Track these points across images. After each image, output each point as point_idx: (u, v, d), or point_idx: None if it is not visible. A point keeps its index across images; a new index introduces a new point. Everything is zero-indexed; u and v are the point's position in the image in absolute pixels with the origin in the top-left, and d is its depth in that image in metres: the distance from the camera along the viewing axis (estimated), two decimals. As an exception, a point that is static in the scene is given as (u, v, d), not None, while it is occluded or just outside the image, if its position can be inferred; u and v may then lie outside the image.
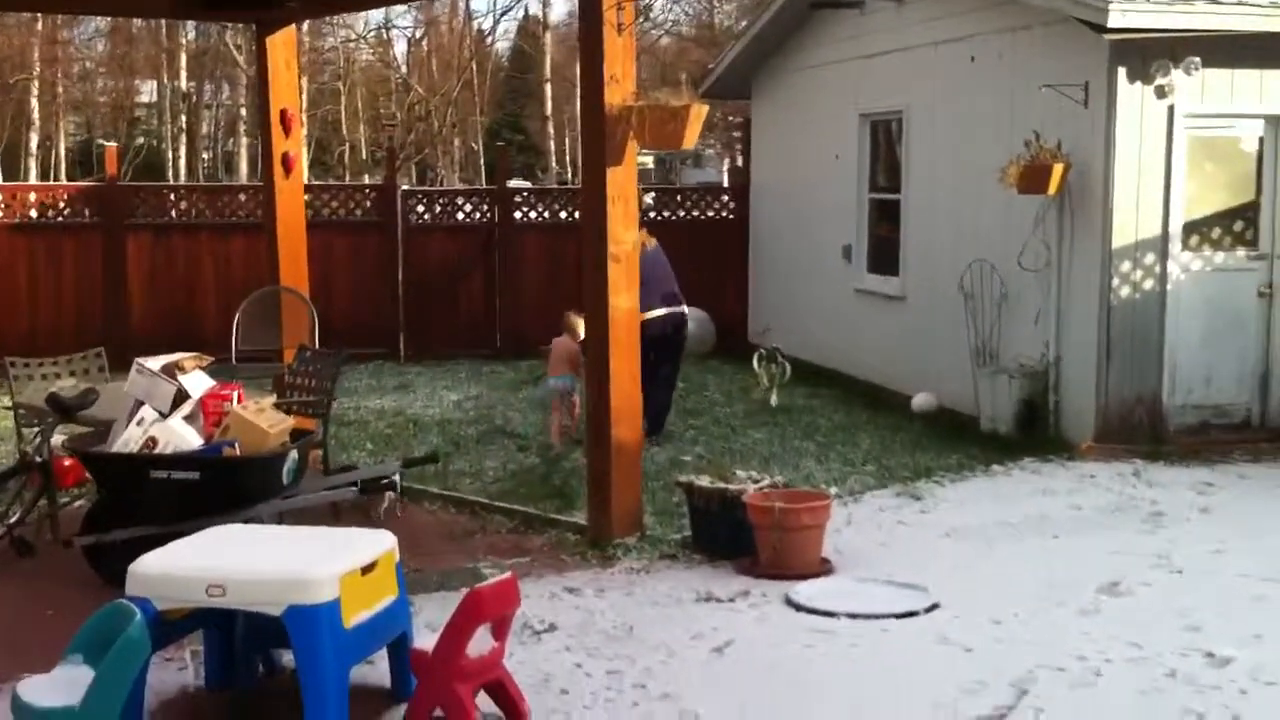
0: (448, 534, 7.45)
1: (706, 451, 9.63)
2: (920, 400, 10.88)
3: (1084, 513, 7.69)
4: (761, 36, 14.32)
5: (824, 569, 6.48)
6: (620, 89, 6.94)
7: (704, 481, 6.95)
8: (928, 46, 11.41)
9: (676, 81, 7.40)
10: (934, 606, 5.91)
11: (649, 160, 43.01)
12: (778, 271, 14.67)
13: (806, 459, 9.26)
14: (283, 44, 9.09)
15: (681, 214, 15.69)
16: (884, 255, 12.38)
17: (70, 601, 6.17)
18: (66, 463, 7.06)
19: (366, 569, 4.63)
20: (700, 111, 6.89)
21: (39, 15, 24.94)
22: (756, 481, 6.92)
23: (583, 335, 9.42)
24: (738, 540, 6.64)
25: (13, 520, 7.05)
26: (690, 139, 6.92)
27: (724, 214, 15.77)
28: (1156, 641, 5.48)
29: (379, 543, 4.80)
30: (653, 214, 15.30)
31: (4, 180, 25.71)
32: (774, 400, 11.15)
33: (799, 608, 5.92)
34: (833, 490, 8.03)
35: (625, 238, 7.05)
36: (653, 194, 15.84)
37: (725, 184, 23.36)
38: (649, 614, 5.94)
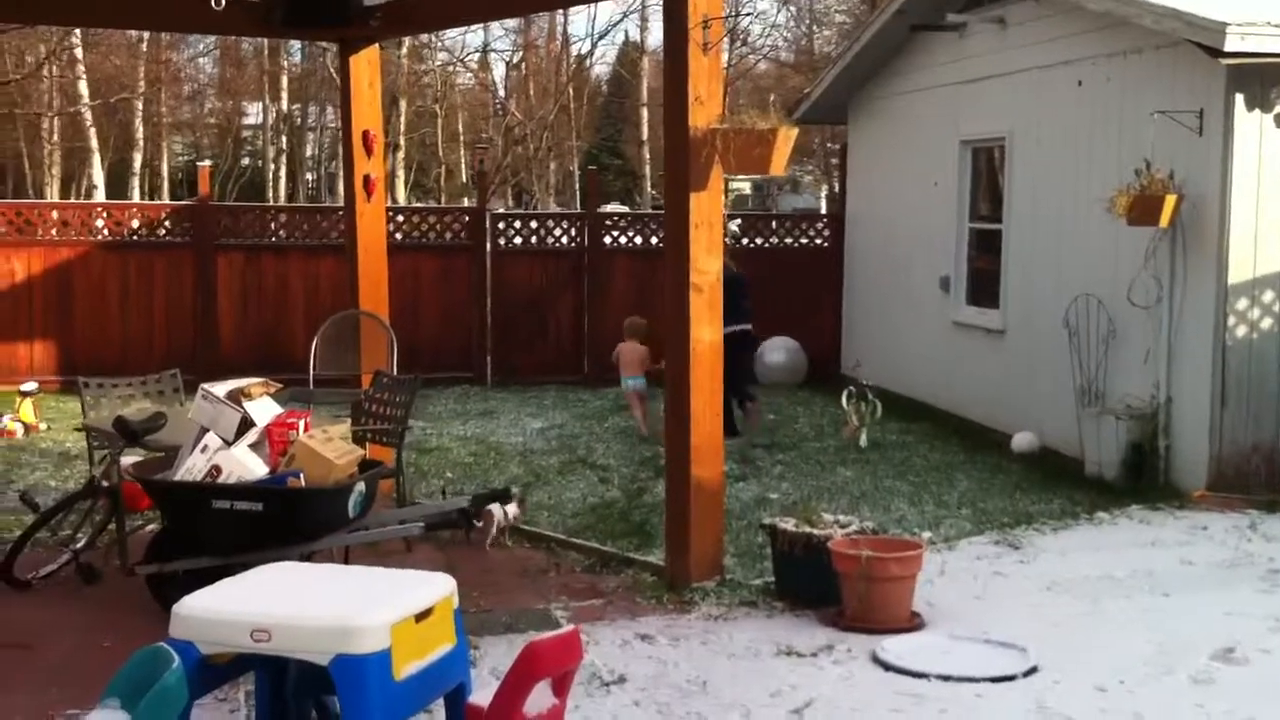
0: (521, 570, 7.18)
1: (794, 489, 9.28)
2: (1020, 440, 10.41)
3: (1196, 568, 7.19)
4: (858, 61, 13.97)
5: (914, 623, 6.09)
6: (705, 110, 6.65)
7: (788, 524, 6.60)
8: (1032, 71, 10.98)
9: (765, 104, 7.09)
10: (1032, 670, 5.49)
11: (745, 185, 42.72)
12: (872, 301, 14.27)
13: (899, 500, 8.86)
14: (366, 63, 8.94)
15: (775, 241, 15.35)
16: (983, 287, 11.93)
17: (131, 631, 6.00)
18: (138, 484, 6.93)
19: (421, 616, 4.35)
20: (790, 135, 6.57)
21: (144, 36, 25.33)
22: (844, 525, 6.56)
23: (642, 332, 11.59)
24: (823, 588, 6.27)
25: (80, 545, 6.93)
26: (779, 164, 6.60)
27: (818, 241, 15.40)
28: (1275, 718, 5.02)
29: (437, 587, 4.52)
30: (743, 240, 14.99)
31: (108, 199, 26.12)
32: (863, 441, 10.69)
33: (886, 666, 5.54)
34: (926, 535, 7.65)
35: (709, 266, 6.75)
36: (738, 220, 15.52)
37: (823, 210, 23.03)
38: (725, 667, 5.60)
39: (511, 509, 6.52)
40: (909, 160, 13.34)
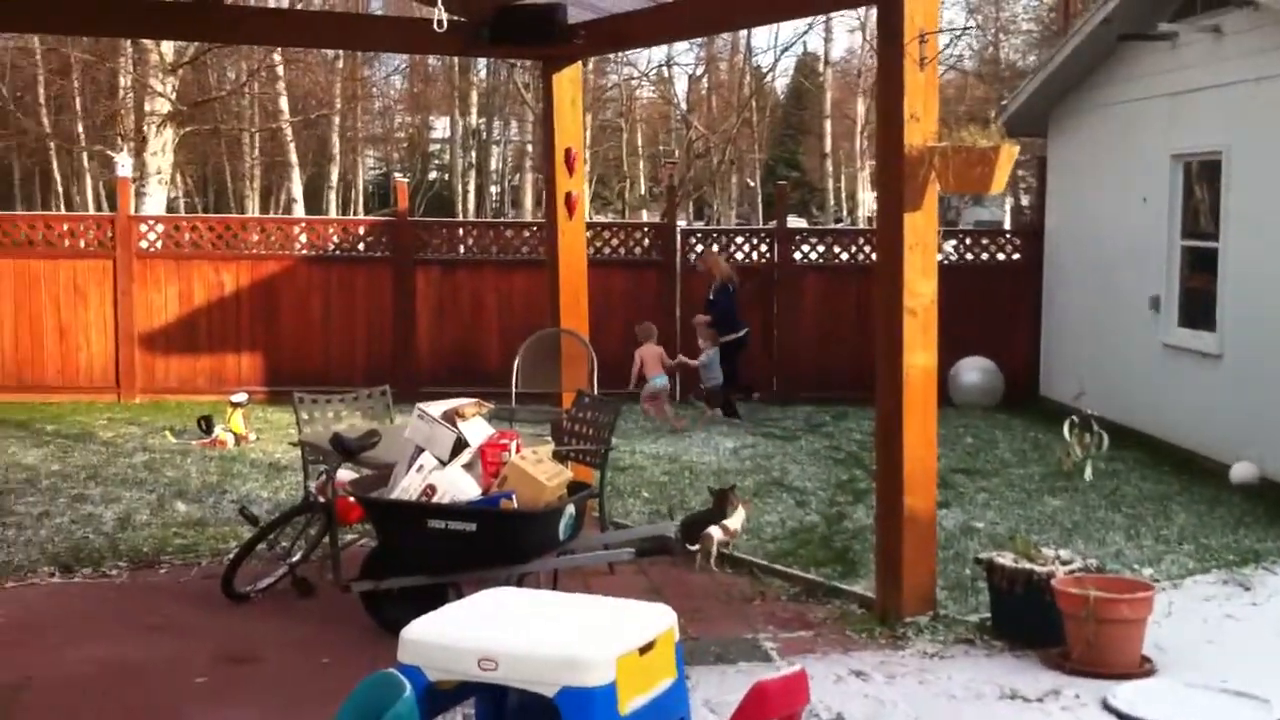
0: (725, 597, 7.07)
1: (999, 518, 8.97)
2: (1240, 470, 9.89)
3: None
4: (1060, 72, 13.52)
5: (1145, 669, 5.78)
6: (921, 129, 6.46)
7: (1006, 559, 6.35)
8: (1251, 82, 10.44)
9: (983, 119, 6.85)
10: (1279, 724, 5.16)
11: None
12: (1074, 321, 13.78)
13: (1113, 533, 8.48)
14: (569, 81, 8.97)
15: (970, 257, 14.96)
16: (1198, 308, 11.39)
17: (347, 648, 6.12)
18: (350, 500, 7.05)
19: (645, 649, 4.29)
20: (1011, 153, 6.34)
21: (340, 54, 26.10)
22: (1065, 562, 6.28)
23: (655, 336, 12.98)
24: (1045, 628, 6.01)
25: (295, 559, 7.08)
26: (1000, 182, 6.37)
27: (1010, 256, 14.95)
28: None
29: (659, 619, 4.45)
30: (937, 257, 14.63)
31: (306, 213, 26.97)
32: (1088, 475, 10.16)
33: (1119, 715, 5.27)
34: (1148, 572, 7.30)
35: (923, 289, 6.55)
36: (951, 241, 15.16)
37: (1008, 225, 22.39)
38: (945, 709, 5.40)
39: (735, 521, 6.41)
40: (1115, 174, 12.84)
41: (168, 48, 18.22)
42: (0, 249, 13.94)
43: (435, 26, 5.74)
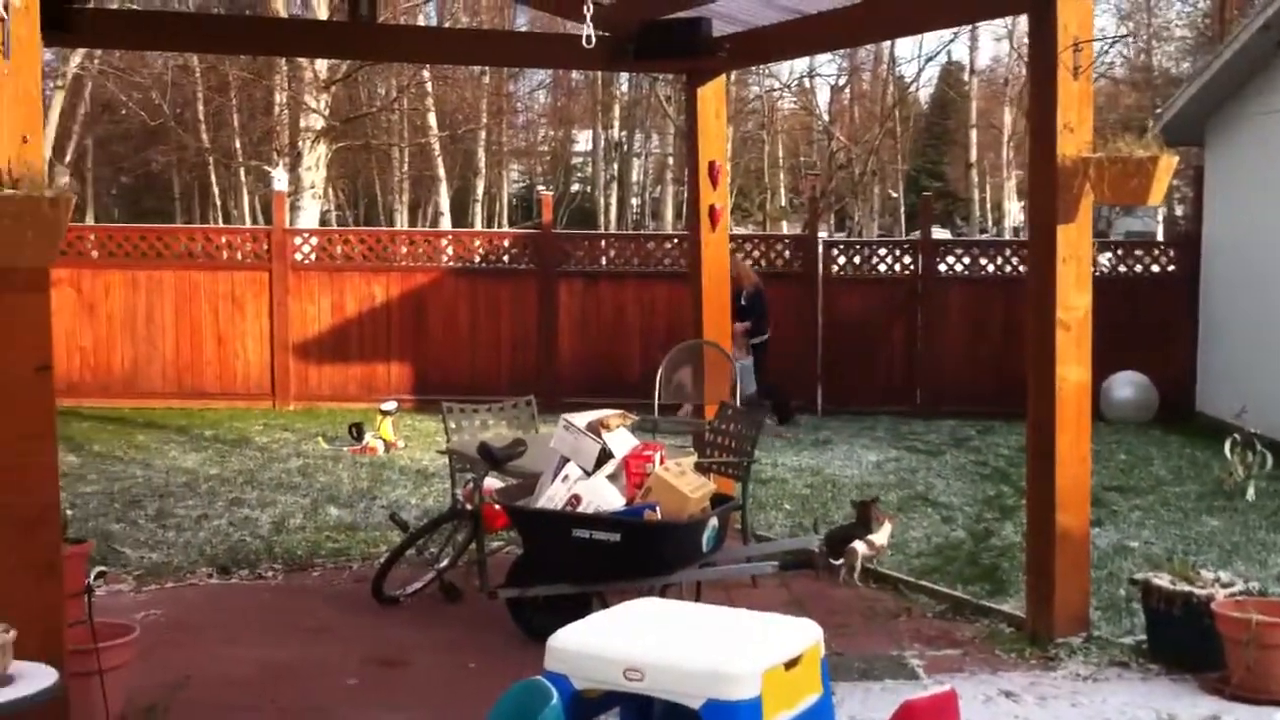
0: (869, 612, 6.99)
1: (1155, 538, 8.71)
2: None
3: None
4: (1217, 79, 13.11)
5: (1311, 697, 5.56)
6: (1075, 139, 6.32)
7: (1163, 580, 6.16)
8: None
9: (1140, 127, 6.69)
10: None
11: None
12: (1233, 334, 13.32)
13: (1276, 555, 8.17)
14: (713, 95, 8.99)
15: (1123, 269, 14.58)
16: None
17: (494, 654, 6.20)
18: (496, 508, 7.15)
19: (791, 664, 4.26)
20: (1170, 164, 6.15)
21: (487, 70, 26.56)
22: (1226, 585, 6.07)
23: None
24: (1203, 652, 5.81)
25: (443, 565, 7.20)
26: (1158, 194, 6.19)
27: (1164, 268, 14.52)
28: None
29: (806, 634, 4.42)
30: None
31: (452, 225, 27.47)
32: (1250, 494, 9.81)
33: (1283, 744, 5.08)
34: (1313, 597, 7.00)
35: (1077, 303, 6.40)
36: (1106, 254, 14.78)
37: (1160, 235, 21.79)
38: (1099, 733, 5.26)
39: (881, 536, 6.34)
40: None
41: (321, 66, 18.75)
42: (162, 261, 14.47)
43: (584, 43, 5.80)
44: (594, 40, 5.85)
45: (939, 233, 26.74)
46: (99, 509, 9.26)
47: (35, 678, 3.99)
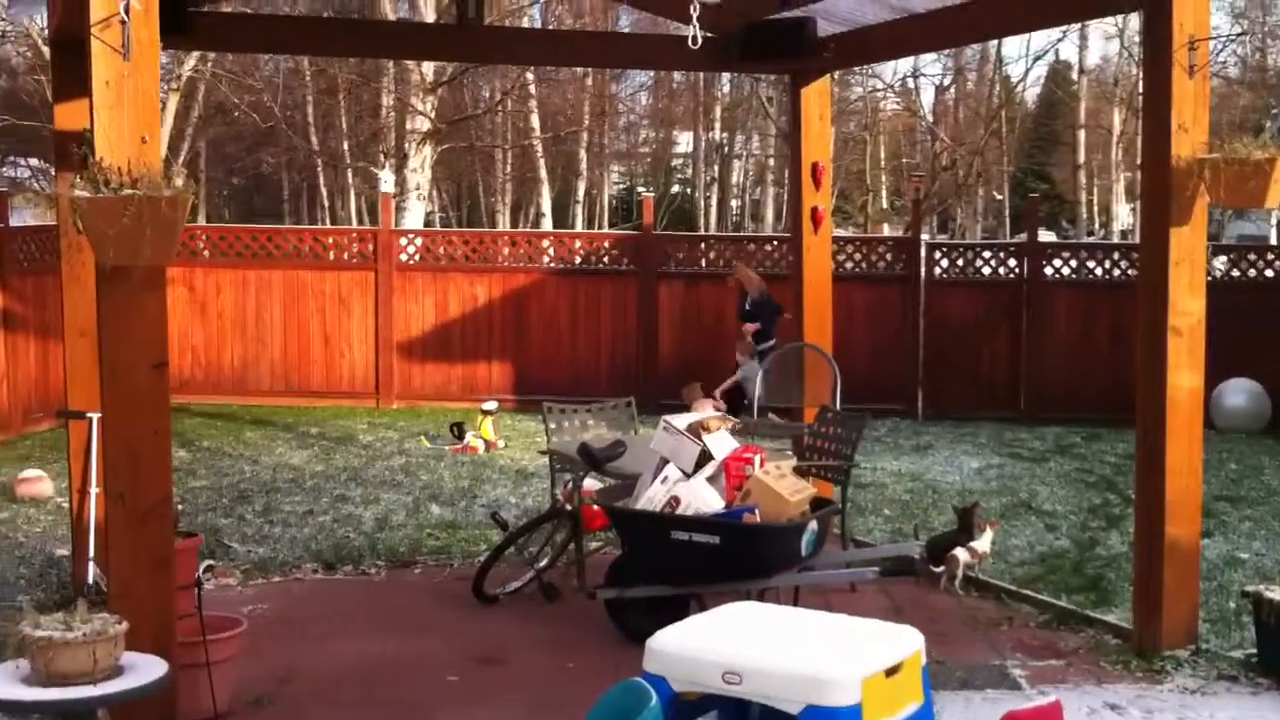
0: (970, 621, 6.90)
1: (1266, 549, 8.49)
2: None
3: None
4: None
5: None
6: (1190, 139, 6.17)
7: (1275, 594, 6.00)
8: None
9: (1256, 128, 6.52)
10: None
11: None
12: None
13: (1396, 569, 7.92)
14: (817, 96, 8.93)
15: (1236, 273, 14.21)
16: None
17: (591, 654, 6.24)
18: (595, 508, 7.18)
19: (892, 671, 4.23)
20: (1289, 166, 5.99)
21: (590, 72, 26.69)
22: (1343, 599, 5.89)
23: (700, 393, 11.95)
24: (1318, 668, 5.66)
25: (542, 564, 7.26)
26: (1276, 197, 6.02)
27: (1278, 273, 14.11)
28: None
29: (907, 642, 4.38)
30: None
31: (554, 226, 27.64)
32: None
33: (1403, 766, 4.91)
34: None
35: (1190, 308, 6.25)
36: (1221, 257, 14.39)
37: (1274, 239, 21.22)
38: (1209, 748, 5.14)
39: (984, 544, 6.26)
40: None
41: (428, 69, 18.97)
42: (271, 260, 14.76)
43: (690, 44, 5.79)
44: (700, 41, 5.83)
45: (1045, 236, 26.29)
46: (208, 504, 9.48)
47: (146, 669, 4.09)
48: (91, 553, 6.34)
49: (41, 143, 22.27)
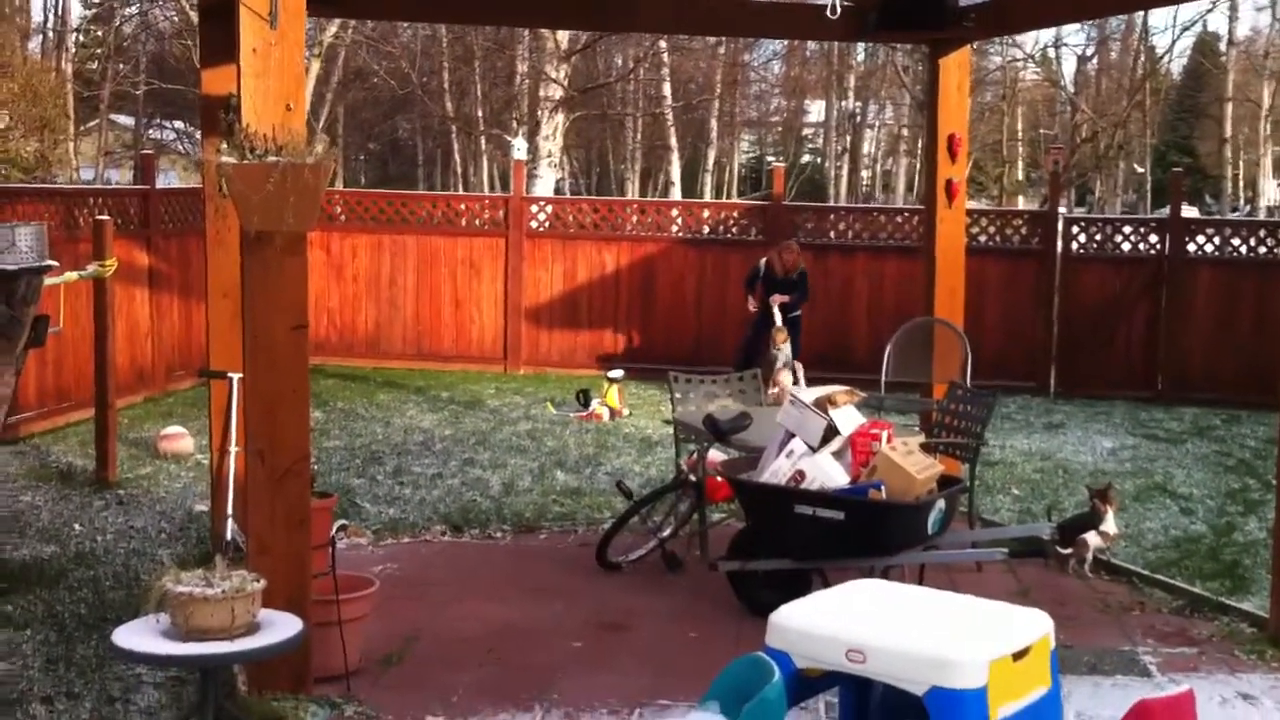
0: (1101, 605, 6.76)
1: None
2: None
3: None
4: None
5: None
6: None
7: None
8: None
9: None
10: None
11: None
12: None
13: None
14: (956, 66, 8.75)
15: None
16: None
17: (713, 625, 6.26)
18: (719, 480, 7.19)
19: (1019, 655, 4.16)
20: None
21: (722, 40, 26.54)
22: None
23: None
24: None
25: (666, 534, 7.29)
26: None
27: None
28: None
29: (1036, 625, 4.31)
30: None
31: (682, 195, 27.62)
32: None
33: None
34: None
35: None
36: None
37: None
38: (1348, 745, 4.98)
39: (1112, 526, 6.13)
40: None
41: (563, 36, 19.06)
42: (405, 225, 15.00)
43: (829, 13, 5.73)
44: (839, 10, 5.77)
45: (1188, 211, 25.49)
46: (341, 464, 9.70)
47: (282, 626, 4.21)
48: (230, 510, 6.53)
49: (187, 106, 22.91)
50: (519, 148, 19.30)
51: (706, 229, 14.95)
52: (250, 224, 4.39)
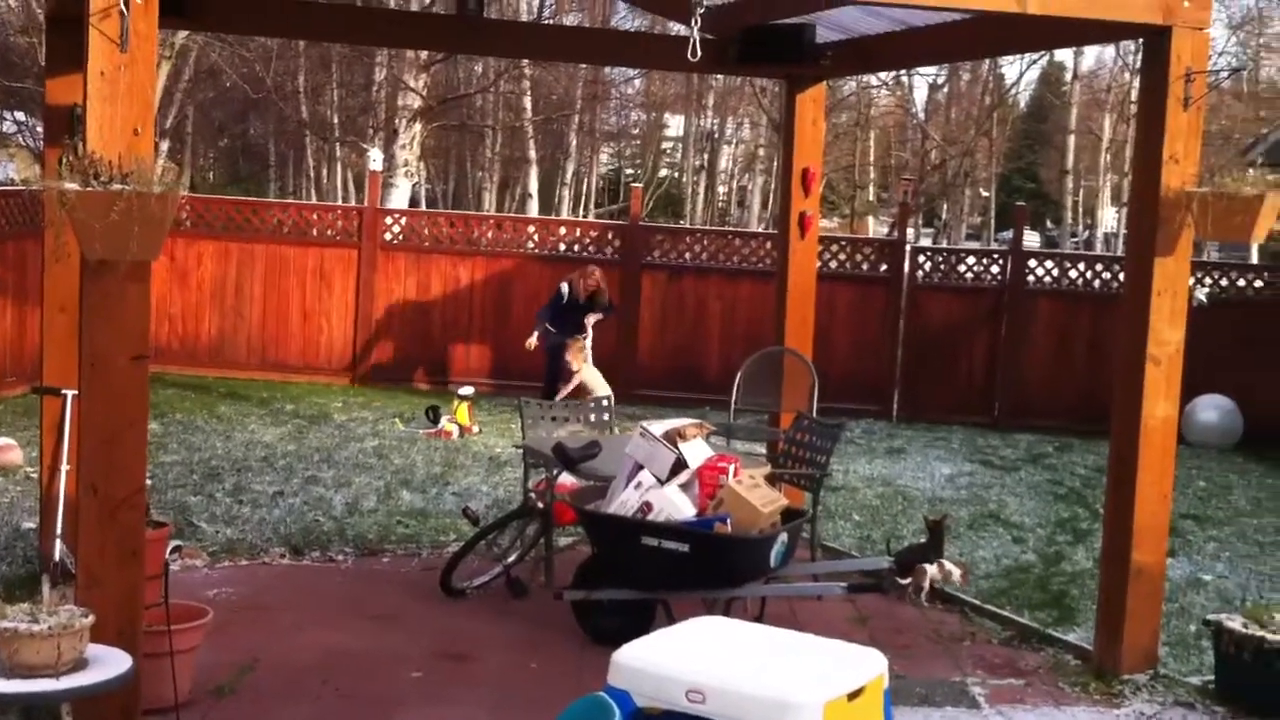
0: (933, 634, 6.96)
1: (1229, 571, 8.58)
2: None
3: None
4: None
5: (1385, 757, 5.45)
6: (1180, 171, 6.21)
7: (1235, 624, 6.07)
8: None
9: (1241, 149, 6.55)
10: None
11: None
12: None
13: (1360, 599, 8.00)
14: (811, 101, 8.92)
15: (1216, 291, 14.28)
16: None
17: (556, 654, 6.27)
18: (567, 503, 7.19)
19: (854, 695, 4.25)
20: (1276, 203, 6.02)
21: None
22: (1303, 633, 5.95)
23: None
24: (1272, 697, 5.74)
25: (511, 560, 7.27)
26: (1262, 232, 6.07)
27: (1257, 291, 14.21)
28: None
29: (870, 665, 4.40)
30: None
31: (540, 206, 27.55)
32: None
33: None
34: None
35: (1169, 338, 6.29)
36: (1206, 289, 14.24)
37: (1253, 257, 21.36)
38: (1162, 778, 5.20)
39: (954, 570, 6.30)
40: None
41: (422, 47, 18.86)
42: (256, 234, 14.69)
43: (690, 56, 5.78)
44: (699, 53, 5.83)
45: (1029, 236, 26.32)
46: (177, 480, 9.45)
47: (111, 662, 4.10)
48: (60, 530, 6.30)
49: (30, 98, 22.11)
50: (375, 158, 19.05)
51: (563, 246, 14.95)
52: (93, 252, 4.26)
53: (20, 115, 26.94)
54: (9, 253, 12.44)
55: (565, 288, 12.78)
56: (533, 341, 12.60)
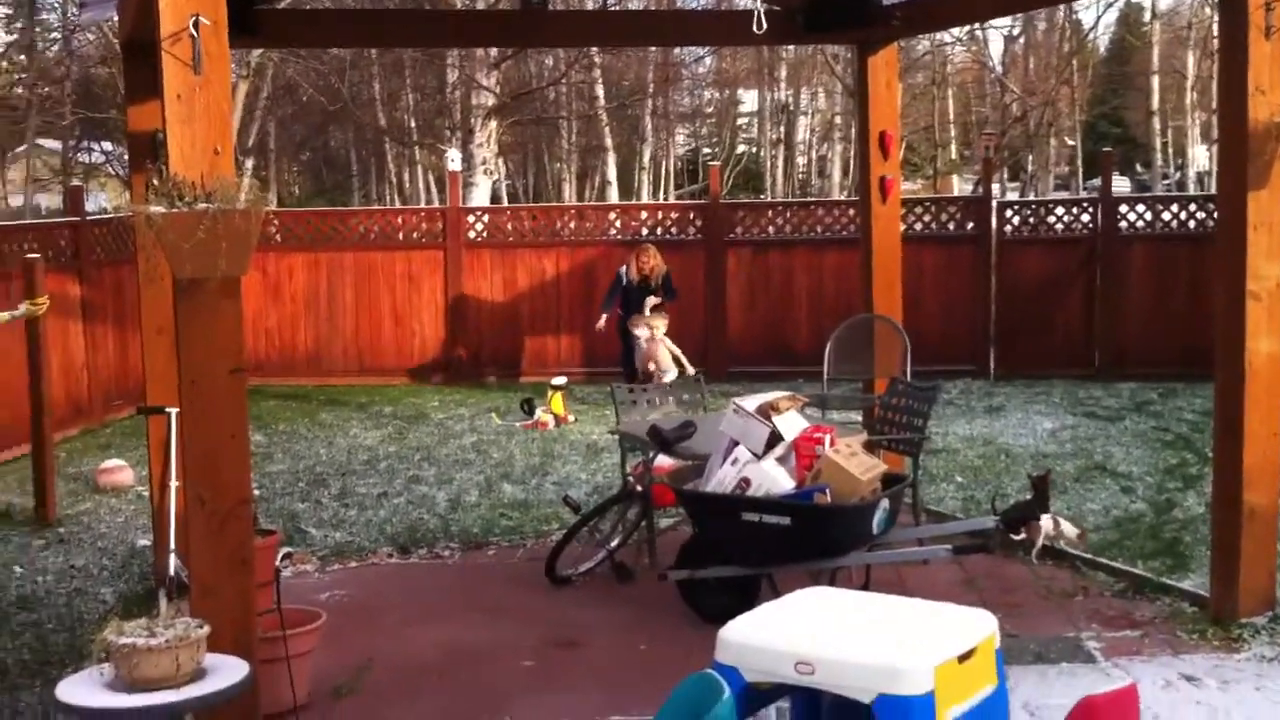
0: (1045, 591, 6.86)
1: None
2: None
3: None
4: None
5: None
6: (1267, 102, 6.04)
7: (1358, 561, 5.91)
8: None
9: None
10: None
11: None
12: None
13: None
14: (884, 64, 8.82)
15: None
16: None
17: (664, 636, 6.29)
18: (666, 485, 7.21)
19: (964, 656, 4.21)
20: (1369, 126, 5.84)
21: (652, 39, 26.53)
22: None
23: None
24: (1403, 637, 5.57)
25: (614, 545, 7.30)
26: (1355, 159, 5.89)
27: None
28: None
29: (980, 626, 4.36)
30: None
31: (619, 192, 27.63)
32: None
33: None
34: None
35: (1269, 272, 6.13)
36: None
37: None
38: (1288, 722, 5.08)
39: (1068, 528, 6.21)
40: None
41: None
42: (344, 243, 14.91)
43: (755, 28, 5.76)
44: (764, 25, 5.80)
45: (1118, 182, 25.77)
46: (285, 488, 9.64)
47: (228, 670, 4.18)
48: (173, 544, 6.45)
49: (115, 127, 22.65)
50: (454, 159, 19.22)
51: (645, 230, 14.96)
52: (183, 271, 4.34)
53: (107, 145, 27.65)
54: (106, 280, 12.77)
55: (623, 271, 12.84)
56: (600, 324, 12.77)
